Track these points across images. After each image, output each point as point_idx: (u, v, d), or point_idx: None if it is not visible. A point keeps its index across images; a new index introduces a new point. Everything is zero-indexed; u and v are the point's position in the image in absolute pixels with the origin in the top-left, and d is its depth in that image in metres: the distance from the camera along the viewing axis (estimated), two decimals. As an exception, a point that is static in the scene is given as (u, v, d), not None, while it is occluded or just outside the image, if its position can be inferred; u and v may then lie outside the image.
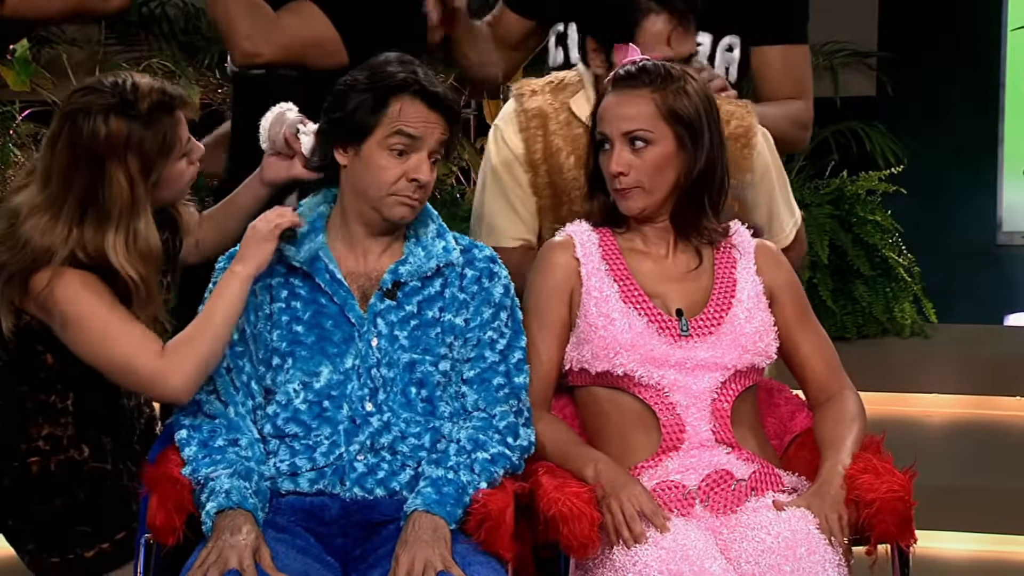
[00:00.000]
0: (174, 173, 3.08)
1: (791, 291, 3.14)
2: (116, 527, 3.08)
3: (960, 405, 5.33)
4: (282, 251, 2.99)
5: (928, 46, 6.57)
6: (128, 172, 2.97)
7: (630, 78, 3.05)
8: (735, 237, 3.13)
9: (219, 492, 2.84)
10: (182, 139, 3.07)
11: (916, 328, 5.62)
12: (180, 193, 3.15)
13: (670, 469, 3.00)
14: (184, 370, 2.90)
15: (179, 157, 3.07)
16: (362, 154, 2.97)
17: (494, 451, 2.94)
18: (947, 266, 6.19)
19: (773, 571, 2.80)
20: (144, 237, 2.98)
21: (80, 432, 3.10)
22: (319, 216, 3.06)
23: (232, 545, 2.75)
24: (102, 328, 2.93)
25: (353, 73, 3.02)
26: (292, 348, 2.98)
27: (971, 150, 6.63)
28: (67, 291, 2.95)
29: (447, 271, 3.04)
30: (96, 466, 3.08)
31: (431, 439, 2.97)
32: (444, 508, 2.84)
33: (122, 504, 3.08)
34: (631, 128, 3.02)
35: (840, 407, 3.08)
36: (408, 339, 2.99)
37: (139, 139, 2.98)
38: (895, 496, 2.86)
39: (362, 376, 2.97)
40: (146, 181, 3.00)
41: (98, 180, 2.96)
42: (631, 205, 3.07)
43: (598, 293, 3.06)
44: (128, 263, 2.96)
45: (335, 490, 2.94)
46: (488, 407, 3.00)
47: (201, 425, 2.95)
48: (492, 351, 3.02)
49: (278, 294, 3.02)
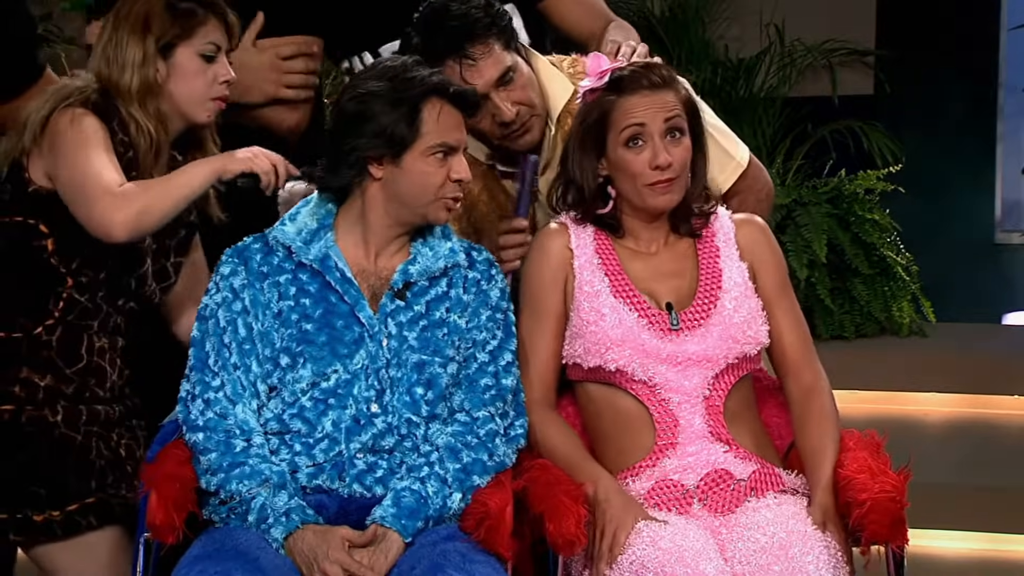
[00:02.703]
0: (189, 66, 3.13)
1: (771, 266, 3.14)
2: (71, 497, 3.06)
3: (958, 404, 5.35)
4: (240, 185, 3.03)
5: (926, 45, 6.58)
6: (144, 48, 3.11)
7: (645, 77, 3.06)
8: (716, 223, 3.14)
9: (274, 513, 2.86)
10: (203, 35, 3.13)
11: (914, 327, 5.63)
12: (194, 101, 3.15)
13: (668, 468, 3.00)
14: (127, 208, 2.95)
15: (197, 52, 3.13)
16: (403, 165, 2.96)
17: (467, 460, 2.95)
18: (945, 265, 6.20)
19: (763, 571, 2.80)
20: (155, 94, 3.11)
21: (58, 384, 3.09)
22: (327, 213, 3.05)
23: (334, 560, 2.81)
24: (85, 147, 3.01)
25: (366, 82, 2.97)
26: (302, 347, 2.97)
27: (969, 149, 6.64)
28: (76, 123, 3.04)
29: (452, 272, 3.05)
30: (66, 433, 3.07)
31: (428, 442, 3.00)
32: (399, 521, 2.87)
33: (83, 476, 3.07)
34: (671, 116, 3.05)
35: (819, 410, 3.05)
36: (417, 340, 3.00)
37: (162, 17, 3.11)
38: (887, 496, 2.85)
39: (370, 377, 2.97)
40: (156, 43, 3.11)
41: (119, 40, 3.13)
42: (673, 198, 3.08)
43: (589, 288, 3.07)
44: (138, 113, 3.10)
45: (333, 485, 2.95)
46: (472, 409, 3.00)
47: (216, 427, 2.95)
48: (483, 352, 3.03)
49: (286, 291, 3.01)
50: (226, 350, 2.98)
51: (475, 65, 3.17)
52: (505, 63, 3.20)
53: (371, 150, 2.95)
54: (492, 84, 3.19)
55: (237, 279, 3.00)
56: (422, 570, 2.81)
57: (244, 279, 3.00)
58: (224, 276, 3.02)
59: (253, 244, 3.04)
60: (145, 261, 3.17)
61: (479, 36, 3.18)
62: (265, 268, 3.01)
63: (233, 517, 2.90)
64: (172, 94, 3.13)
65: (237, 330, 2.99)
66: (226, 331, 2.99)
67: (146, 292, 3.19)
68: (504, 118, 3.20)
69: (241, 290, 3.00)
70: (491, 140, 3.29)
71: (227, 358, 2.98)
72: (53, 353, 3.08)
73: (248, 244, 3.05)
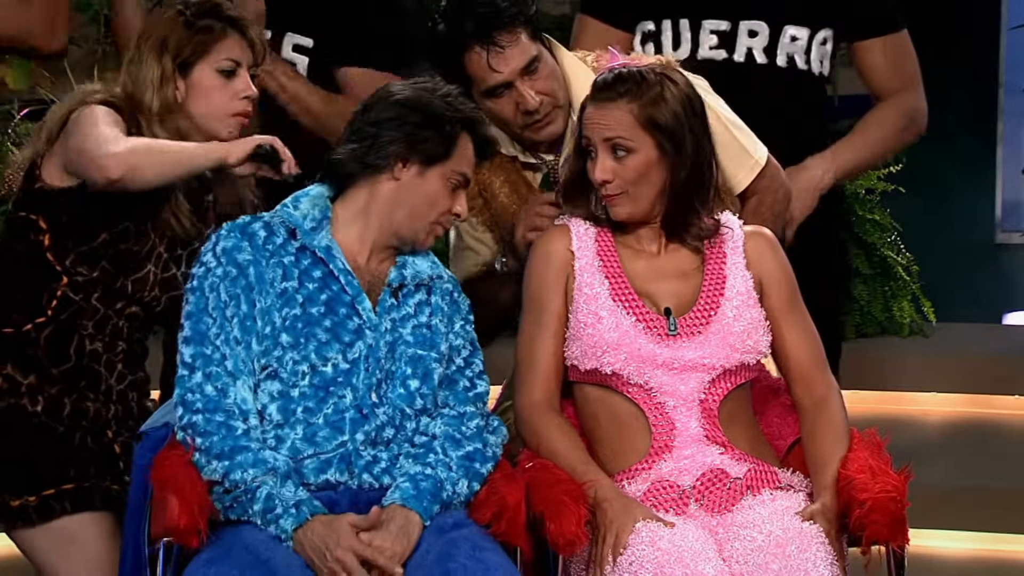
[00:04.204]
0: (207, 83, 3.14)
1: (780, 281, 3.12)
2: (47, 482, 3.06)
3: (959, 404, 5.34)
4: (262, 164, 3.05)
5: (926, 45, 6.56)
6: (163, 67, 3.13)
7: (606, 88, 3.04)
8: (726, 230, 3.13)
9: (283, 504, 2.83)
10: (220, 51, 3.14)
11: (915, 327, 5.63)
12: (213, 117, 3.16)
13: (664, 471, 3.00)
14: (121, 146, 2.99)
15: (216, 68, 3.14)
16: (427, 176, 2.98)
17: (468, 448, 2.97)
18: (946, 265, 6.20)
19: (760, 570, 2.80)
20: (172, 116, 3.12)
21: (42, 383, 3.08)
22: (328, 206, 3.04)
23: (347, 547, 2.80)
24: (94, 120, 3.05)
25: (423, 87, 3.00)
26: (307, 329, 2.96)
27: (970, 149, 6.64)
28: (91, 109, 3.09)
29: (434, 283, 3.06)
30: (46, 423, 3.07)
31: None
32: (421, 504, 2.87)
33: (61, 464, 3.07)
34: (610, 136, 3.02)
35: (828, 420, 3.04)
36: (412, 335, 3.01)
37: (178, 27, 3.14)
38: (888, 496, 2.85)
39: (370, 367, 2.98)
40: (173, 62, 3.13)
41: (138, 58, 3.16)
42: (618, 211, 3.07)
43: (588, 290, 3.07)
44: (159, 127, 3.11)
45: (343, 478, 2.93)
46: (456, 405, 3.03)
47: (216, 408, 2.90)
48: (459, 356, 3.05)
49: (291, 272, 2.98)
50: (228, 324, 2.94)
51: (503, 52, 3.18)
52: (531, 52, 3.21)
53: (413, 147, 2.97)
54: (518, 72, 3.20)
55: (241, 254, 2.96)
56: (432, 559, 2.81)
57: (250, 255, 2.97)
58: (227, 250, 2.96)
59: (254, 223, 3.01)
60: (144, 265, 3.16)
61: (507, 24, 3.19)
62: (270, 247, 2.99)
63: (236, 506, 2.87)
64: (192, 112, 3.14)
65: (240, 305, 2.95)
66: (228, 305, 2.95)
67: (146, 297, 3.18)
68: (528, 107, 3.20)
69: (247, 266, 2.96)
70: (513, 129, 3.29)
71: (229, 332, 2.94)
72: (40, 352, 3.08)
73: (248, 222, 3.01)
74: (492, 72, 3.17)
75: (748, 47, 3.63)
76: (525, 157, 3.34)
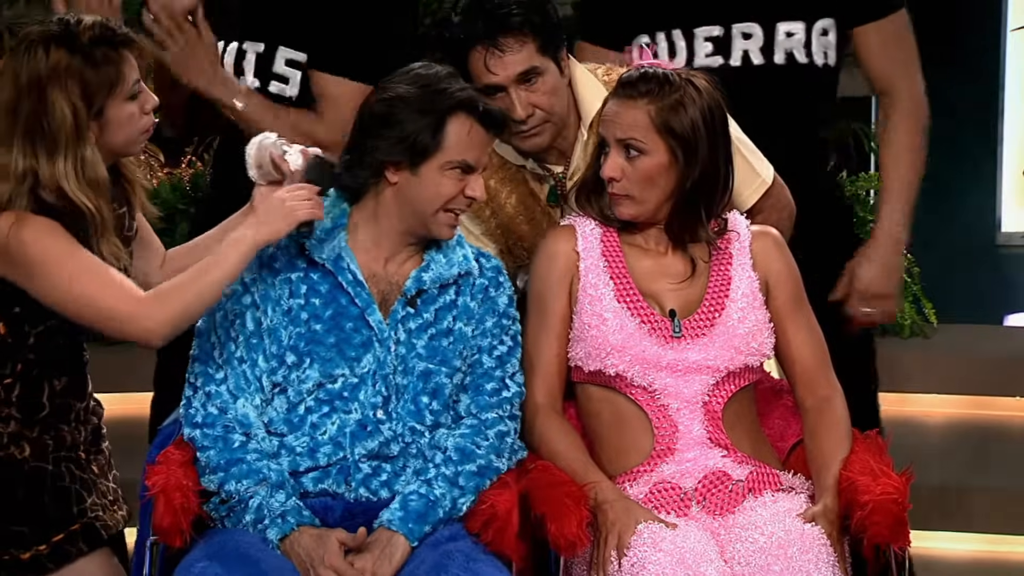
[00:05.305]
0: (122, 115, 2.97)
1: (786, 281, 3.12)
2: (54, 529, 3.02)
3: (960, 405, 5.33)
4: (295, 239, 2.95)
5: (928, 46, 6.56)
6: (70, 99, 2.91)
7: (629, 85, 3.04)
8: (732, 231, 3.12)
9: (270, 514, 2.85)
10: (128, 78, 2.97)
11: (916, 328, 5.62)
12: (131, 142, 3.02)
13: (666, 473, 2.99)
14: (164, 312, 2.85)
15: (126, 97, 2.98)
16: (420, 174, 2.94)
17: (482, 462, 2.95)
18: (947, 266, 6.19)
19: (762, 571, 2.79)
20: (92, 164, 2.91)
21: (22, 430, 3.05)
22: (342, 213, 3.02)
23: (329, 566, 2.82)
24: (72, 266, 2.88)
25: (397, 86, 2.96)
26: (310, 347, 2.96)
27: (971, 150, 6.64)
28: (32, 234, 2.88)
29: (462, 280, 3.03)
30: (37, 466, 3.02)
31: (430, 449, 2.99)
32: (406, 526, 2.86)
33: (62, 506, 3.03)
34: (624, 136, 3.02)
35: (831, 422, 3.04)
36: (425, 348, 2.98)
37: (79, 69, 2.92)
38: (889, 498, 2.85)
39: (377, 383, 2.96)
40: (89, 110, 2.93)
41: (41, 109, 2.91)
42: (622, 211, 3.06)
43: (593, 291, 3.06)
44: (81, 191, 2.89)
45: (339, 489, 2.94)
46: (480, 412, 3.00)
47: (215, 423, 2.93)
48: (489, 357, 3.02)
49: (297, 289, 2.98)
50: (232, 343, 2.96)
51: (502, 56, 3.18)
52: (532, 63, 3.20)
53: (390, 154, 2.94)
54: (512, 79, 3.19)
55: (247, 273, 2.95)
56: (426, 570, 2.81)
57: (255, 273, 2.97)
58: None
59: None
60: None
61: (513, 29, 3.18)
62: (276, 264, 2.99)
63: (231, 516, 2.90)
64: (106, 145, 2.98)
65: (245, 324, 2.97)
66: (233, 324, 2.97)
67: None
68: (513, 115, 3.19)
69: (252, 284, 2.97)
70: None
71: (232, 351, 2.96)
72: (13, 410, 3.01)
73: None
74: (488, 73, 3.17)
75: (744, 50, 3.61)
76: (533, 168, 3.34)
